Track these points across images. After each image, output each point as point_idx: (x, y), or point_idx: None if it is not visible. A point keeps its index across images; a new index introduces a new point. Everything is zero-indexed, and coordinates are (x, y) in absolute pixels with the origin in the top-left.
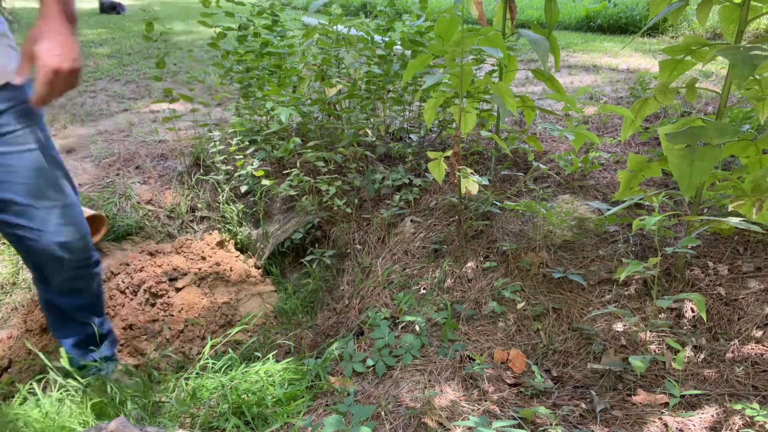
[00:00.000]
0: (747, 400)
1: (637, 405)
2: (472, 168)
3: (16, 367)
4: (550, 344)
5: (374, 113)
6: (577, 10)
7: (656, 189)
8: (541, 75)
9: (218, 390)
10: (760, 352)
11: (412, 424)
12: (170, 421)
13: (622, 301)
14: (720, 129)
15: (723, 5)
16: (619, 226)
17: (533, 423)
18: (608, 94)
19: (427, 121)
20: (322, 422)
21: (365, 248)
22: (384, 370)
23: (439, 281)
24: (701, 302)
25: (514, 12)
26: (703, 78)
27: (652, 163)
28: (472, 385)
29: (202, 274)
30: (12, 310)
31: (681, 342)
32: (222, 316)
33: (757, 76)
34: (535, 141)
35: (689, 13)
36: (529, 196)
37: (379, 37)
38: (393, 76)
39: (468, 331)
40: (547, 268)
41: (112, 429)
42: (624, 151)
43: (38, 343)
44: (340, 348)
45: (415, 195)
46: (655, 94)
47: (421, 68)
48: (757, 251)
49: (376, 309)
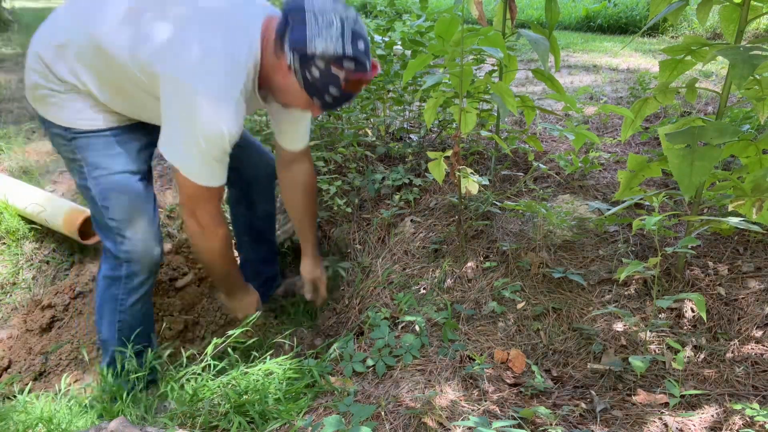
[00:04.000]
0: (747, 400)
1: (637, 405)
2: (472, 168)
3: (16, 367)
4: (550, 344)
5: (374, 113)
6: (577, 10)
7: (656, 189)
8: (541, 75)
9: (219, 389)
10: (760, 352)
11: (412, 424)
12: (170, 421)
13: (622, 301)
14: (720, 129)
15: (723, 5)
16: (619, 226)
17: (533, 423)
18: (608, 94)
19: (427, 121)
20: (322, 422)
21: (365, 248)
22: (384, 370)
23: (439, 281)
24: (701, 302)
25: (514, 12)
26: (703, 78)
27: (652, 163)
28: (472, 385)
29: (202, 274)
30: (12, 310)
31: (681, 342)
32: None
33: (757, 76)
34: (535, 141)
35: (689, 13)
36: (529, 196)
37: (379, 37)
38: (393, 76)
39: (468, 331)
40: (547, 268)
41: (112, 429)
42: (624, 151)
43: (38, 343)
44: (340, 348)
45: (415, 195)
46: (655, 94)
47: (421, 68)
48: (757, 251)
49: (376, 309)
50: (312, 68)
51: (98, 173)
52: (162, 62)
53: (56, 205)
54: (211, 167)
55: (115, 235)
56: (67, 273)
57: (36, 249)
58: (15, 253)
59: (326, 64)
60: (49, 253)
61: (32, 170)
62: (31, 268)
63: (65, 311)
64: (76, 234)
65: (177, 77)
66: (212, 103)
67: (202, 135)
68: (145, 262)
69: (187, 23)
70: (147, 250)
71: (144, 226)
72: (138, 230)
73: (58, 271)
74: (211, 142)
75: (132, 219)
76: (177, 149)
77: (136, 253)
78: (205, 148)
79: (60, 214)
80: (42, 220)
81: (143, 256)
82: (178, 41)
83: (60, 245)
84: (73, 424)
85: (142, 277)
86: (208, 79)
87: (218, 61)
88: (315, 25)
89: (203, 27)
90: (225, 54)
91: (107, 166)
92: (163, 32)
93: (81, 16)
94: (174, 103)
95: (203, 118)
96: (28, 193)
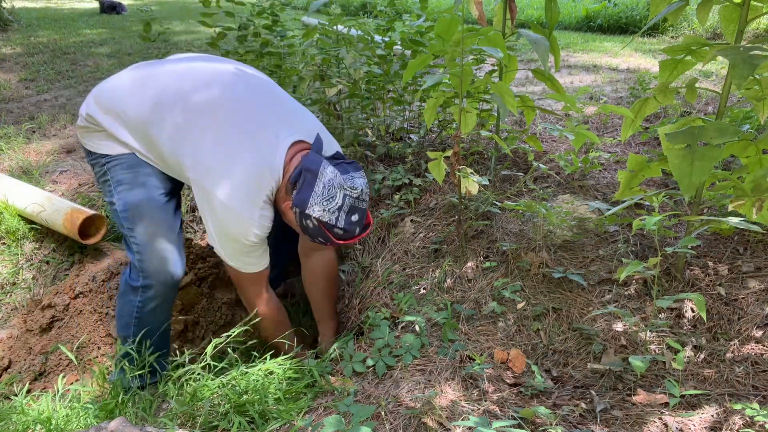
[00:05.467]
0: (747, 400)
1: (637, 405)
2: (472, 168)
3: (16, 367)
4: (550, 344)
5: (374, 113)
6: (577, 10)
7: (656, 189)
8: (541, 75)
9: (219, 389)
10: (760, 352)
11: (412, 424)
12: (170, 421)
13: (622, 301)
14: (720, 129)
15: (723, 5)
16: (619, 226)
17: (533, 423)
18: (608, 94)
19: (427, 121)
20: (322, 422)
21: (365, 248)
22: (384, 370)
23: (439, 281)
24: (701, 302)
25: (514, 12)
26: (703, 78)
27: (652, 163)
28: (472, 385)
29: (202, 274)
30: (12, 310)
31: (681, 342)
32: (222, 316)
33: (757, 76)
34: (535, 141)
35: (689, 13)
36: (529, 196)
37: (379, 37)
38: (393, 76)
39: (468, 331)
40: (547, 268)
41: (112, 429)
42: (624, 151)
43: (38, 343)
44: (340, 348)
45: (415, 195)
46: (655, 94)
47: (421, 68)
48: (757, 251)
49: (376, 309)
50: (307, 222)
51: (122, 188)
52: (194, 170)
53: (56, 205)
54: (249, 258)
55: (131, 246)
56: (67, 273)
57: (36, 249)
58: (15, 253)
59: (319, 224)
60: (49, 253)
61: (32, 170)
62: (31, 268)
63: (65, 311)
64: (76, 234)
65: (203, 184)
66: (238, 210)
67: (231, 238)
68: (160, 279)
69: (227, 135)
70: (162, 269)
71: (161, 244)
72: (155, 248)
73: (58, 271)
74: (239, 243)
75: (149, 235)
76: (216, 244)
77: (151, 271)
78: (237, 247)
79: (60, 214)
80: (42, 220)
81: (157, 274)
82: (215, 154)
83: (60, 245)
84: (72, 424)
85: (159, 290)
86: (235, 190)
87: (245, 174)
88: (319, 195)
89: (241, 143)
90: (252, 167)
91: (130, 181)
92: (206, 143)
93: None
94: (205, 209)
95: (230, 227)
96: (28, 193)
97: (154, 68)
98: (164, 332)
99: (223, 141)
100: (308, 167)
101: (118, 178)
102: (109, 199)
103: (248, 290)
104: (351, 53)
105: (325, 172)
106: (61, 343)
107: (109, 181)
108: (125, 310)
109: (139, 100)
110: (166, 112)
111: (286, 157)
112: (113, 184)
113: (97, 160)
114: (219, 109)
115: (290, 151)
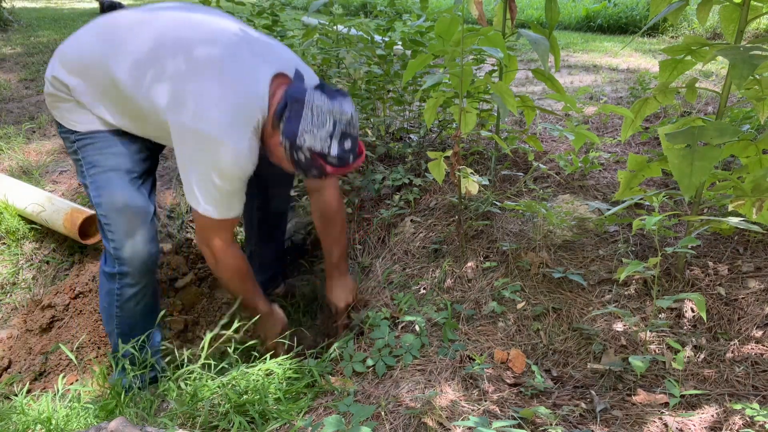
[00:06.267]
0: (747, 400)
1: (637, 405)
2: (472, 168)
3: (16, 367)
4: (550, 344)
5: (374, 113)
6: (577, 10)
7: (656, 189)
8: (541, 75)
9: (219, 389)
10: (760, 352)
11: (412, 424)
12: (170, 421)
13: (622, 301)
14: (720, 129)
15: (723, 5)
16: (619, 226)
17: (533, 423)
18: (608, 94)
19: (427, 121)
20: (322, 422)
21: (365, 248)
22: (384, 370)
23: (439, 281)
24: (701, 302)
25: (514, 12)
26: (703, 78)
27: (652, 163)
28: (472, 385)
29: (202, 274)
30: (12, 310)
31: (681, 342)
32: (222, 316)
33: (757, 76)
34: (535, 141)
35: (689, 13)
36: (529, 196)
37: (379, 37)
38: (393, 76)
39: (468, 331)
40: (547, 268)
41: (112, 429)
42: (624, 151)
43: (38, 343)
44: (340, 348)
45: (415, 195)
46: (655, 94)
47: (421, 68)
48: (757, 251)
49: (376, 309)
50: (299, 154)
51: (94, 171)
52: (173, 112)
53: (56, 205)
54: (228, 201)
55: (106, 233)
56: (67, 273)
57: (36, 249)
58: (15, 253)
59: (311, 155)
60: (49, 253)
61: (32, 170)
62: (31, 268)
63: (65, 311)
64: (76, 234)
65: (183, 122)
66: (225, 140)
67: (216, 171)
68: (135, 263)
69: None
70: (135, 251)
71: (135, 230)
72: (129, 234)
73: (58, 271)
74: (225, 176)
75: (121, 219)
76: (193, 190)
77: (126, 257)
78: (220, 183)
79: (60, 214)
80: (42, 220)
81: (131, 257)
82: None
83: (60, 245)
84: (72, 424)
85: (135, 277)
86: (221, 119)
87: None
88: (308, 122)
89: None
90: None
91: (102, 164)
92: (180, 81)
93: (102, 48)
94: (186, 146)
95: (217, 155)
96: (28, 193)
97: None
98: (149, 323)
99: (198, 77)
100: (294, 96)
101: (90, 159)
102: (82, 180)
103: (216, 239)
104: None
105: (312, 99)
106: (61, 343)
107: (80, 161)
108: (106, 301)
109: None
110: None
111: (269, 89)
112: (85, 165)
113: (66, 135)
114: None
115: (272, 85)
